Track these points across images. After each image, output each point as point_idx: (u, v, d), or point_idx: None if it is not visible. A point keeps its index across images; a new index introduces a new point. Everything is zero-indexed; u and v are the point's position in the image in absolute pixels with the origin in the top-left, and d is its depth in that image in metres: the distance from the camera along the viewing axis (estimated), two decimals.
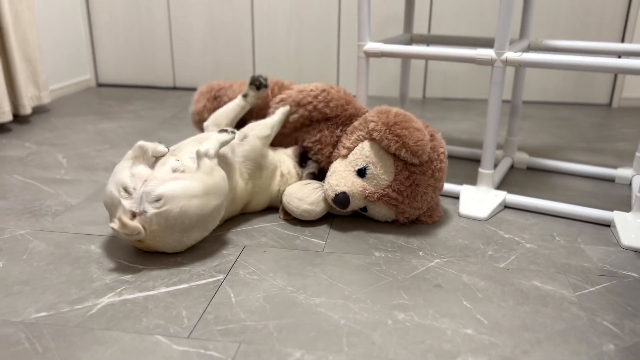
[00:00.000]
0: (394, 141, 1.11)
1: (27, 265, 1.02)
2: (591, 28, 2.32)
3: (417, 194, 1.16)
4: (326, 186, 1.18)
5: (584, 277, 1.01)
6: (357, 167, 1.16)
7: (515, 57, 1.20)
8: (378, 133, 1.13)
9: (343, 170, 1.18)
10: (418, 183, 1.15)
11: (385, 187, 1.14)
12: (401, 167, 1.14)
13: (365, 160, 1.15)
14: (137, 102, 2.38)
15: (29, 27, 2.00)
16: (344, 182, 1.15)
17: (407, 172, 1.14)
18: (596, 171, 1.52)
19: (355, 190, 1.15)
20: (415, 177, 1.14)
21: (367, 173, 1.15)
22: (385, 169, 1.14)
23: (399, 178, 1.14)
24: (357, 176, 1.16)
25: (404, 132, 1.11)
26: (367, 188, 1.15)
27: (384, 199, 1.15)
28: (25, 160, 1.59)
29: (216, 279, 0.98)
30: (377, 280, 0.99)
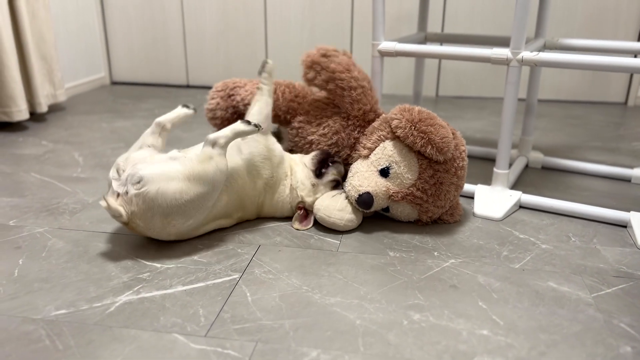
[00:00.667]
0: (420, 137, 1.10)
1: (46, 263, 1.03)
2: (606, 27, 2.29)
3: (441, 193, 1.15)
4: (348, 187, 1.17)
5: (600, 279, 1.00)
6: (380, 166, 1.15)
7: (532, 57, 1.20)
8: (402, 130, 1.12)
9: (365, 170, 1.16)
10: (442, 181, 1.14)
11: (409, 186, 1.14)
12: (425, 166, 1.13)
13: (388, 160, 1.15)
14: (151, 100, 2.39)
15: (45, 26, 2.02)
16: (367, 182, 1.14)
17: (432, 170, 1.14)
18: (612, 171, 1.50)
19: (378, 190, 1.14)
20: (439, 176, 1.14)
21: (391, 172, 1.14)
22: (409, 167, 1.13)
23: (423, 177, 1.13)
24: (380, 176, 1.15)
25: (429, 129, 1.10)
26: (390, 188, 1.14)
27: (408, 198, 1.15)
28: (41, 159, 1.61)
29: (232, 278, 0.99)
30: (392, 280, 0.99)
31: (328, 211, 1.16)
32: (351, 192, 1.16)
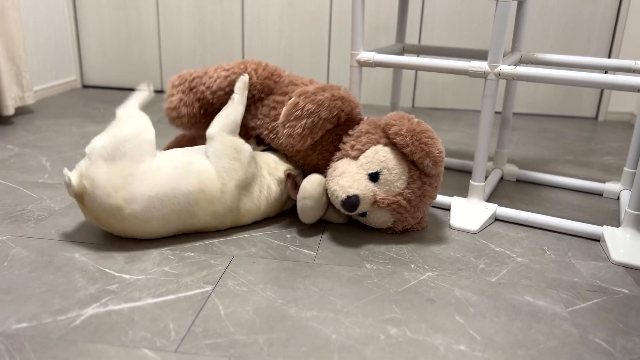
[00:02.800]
0: (420, 149, 1.10)
1: (7, 273, 0.98)
2: (579, 42, 2.34)
3: (422, 205, 1.16)
4: (335, 186, 1.12)
5: (575, 293, 1.00)
6: (370, 170, 1.13)
7: (509, 71, 1.20)
8: (402, 138, 1.10)
9: (355, 172, 1.13)
10: (425, 194, 1.15)
11: (396, 194, 1.13)
12: (416, 177, 1.13)
13: (380, 165, 1.12)
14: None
15: (15, 26, 1.96)
16: (357, 185, 1.11)
17: (420, 182, 1.14)
18: (584, 185, 1.52)
19: (366, 194, 1.11)
20: (425, 188, 1.14)
21: (380, 178, 1.12)
22: (399, 176, 1.12)
23: (411, 187, 1.13)
24: (370, 180, 1.13)
25: (429, 141, 1.10)
26: (378, 193, 1.13)
27: (393, 206, 1.13)
28: (7, 163, 1.55)
29: (204, 290, 0.96)
30: (369, 293, 0.97)
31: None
32: (338, 192, 1.11)
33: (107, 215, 1.06)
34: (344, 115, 1.19)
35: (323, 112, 1.14)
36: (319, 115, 1.13)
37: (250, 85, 1.26)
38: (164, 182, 1.08)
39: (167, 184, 1.08)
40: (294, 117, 1.14)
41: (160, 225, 1.09)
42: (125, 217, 1.06)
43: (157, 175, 1.08)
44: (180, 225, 1.12)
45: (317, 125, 1.15)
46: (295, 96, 1.15)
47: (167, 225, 1.10)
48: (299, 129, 1.14)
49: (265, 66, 1.29)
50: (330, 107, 1.14)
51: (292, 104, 1.14)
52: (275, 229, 1.21)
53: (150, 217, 1.07)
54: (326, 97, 1.14)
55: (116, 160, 1.06)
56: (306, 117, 1.13)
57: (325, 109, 1.14)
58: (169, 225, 1.10)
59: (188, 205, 1.10)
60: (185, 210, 1.10)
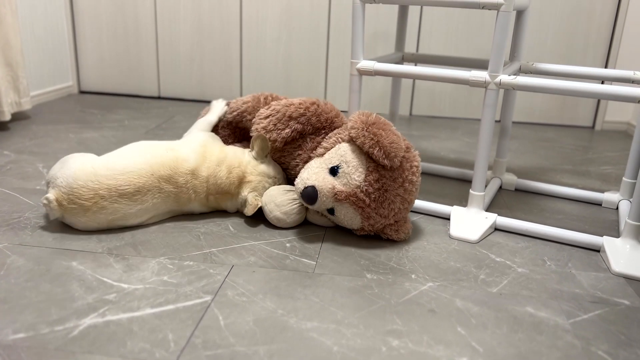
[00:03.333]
0: (369, 139, 1.12)
1: (4, 282, 0.97)
2: (576, 52, 2.35)
3: (385, 201, 1.15)
4: (297, 180, 1.18)
5: (576, 304, 1.00)
6: (331, 164, 1.17)
7: (509, 81, 1.20)
8: (356, 130, 1.14)
9: (317, 167, 1.18)
10: (387, 189, 1.15)
11: (354, 187, 1.14)
12: (372, 169, 1.14)
13: (339, 159, 1.16)
14: (121, 111, 2.33)
15: (12, 31, 1.95)
16: (315, 177, 1.15)
17: (378, 174, 1.14)
18: (583, 194, 1.52)
19: (324, 186, 1.14)
20: (384, 182, 1.14)
21: (339, 171, 1.15)
22: (356, 168, 1.14)
23: (368, 179, 1.14)
24: (329, 174, 1.16)
25: (380, 132, 1.13)
26: (336, 186, 1.15)
27: (351, 199, 1.14)
28: (3, 169, 1.53)
29: (204, 300, 0.95)
30: (370, 304, 0.97)
31: (268, 198, 1.24)
32: (298, 184, 1.17)
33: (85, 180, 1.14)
34: (315, 118, 1.27)
35: (289, 110, 1.27)
36: (284, 113, 1.27)
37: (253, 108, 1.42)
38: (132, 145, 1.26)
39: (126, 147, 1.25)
40: (263, 116, 1.29)
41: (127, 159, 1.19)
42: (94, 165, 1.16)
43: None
44: (151, 161, 1.20)
45: (282, 121, 1.27)
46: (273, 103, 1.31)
47: (136, 158, 1.19)
48: (264, 124, 1.28)
49: (275, 96, 1.45)
50: (297, 107, 1.27)
51: (265, 107, 1.31)
52: (274, 237, 1.21)
53: (112, 158, 1.19)
54: (296, 101, 1.29)
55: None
56: (272, 115, 1.28)
57: (291, 108, 1.27)
58: (137, 159, 1.20)
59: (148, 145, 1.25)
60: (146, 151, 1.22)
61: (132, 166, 1.17)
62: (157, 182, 1.19)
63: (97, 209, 1.13)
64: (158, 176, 1.19)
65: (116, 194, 1.14)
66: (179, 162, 1.22)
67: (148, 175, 1.18)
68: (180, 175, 1.22)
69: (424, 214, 1.37)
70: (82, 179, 1.13)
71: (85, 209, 1.13)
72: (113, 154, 1.21)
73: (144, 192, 1.17)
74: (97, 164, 1.16)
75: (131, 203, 1.16)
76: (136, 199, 1.17)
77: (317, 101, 1.30)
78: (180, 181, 1.22)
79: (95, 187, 1.13)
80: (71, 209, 1.13)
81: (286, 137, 1.28)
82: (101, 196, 1.13)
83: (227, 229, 1.23)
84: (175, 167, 1.22)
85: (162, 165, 1.20)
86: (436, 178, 1.66)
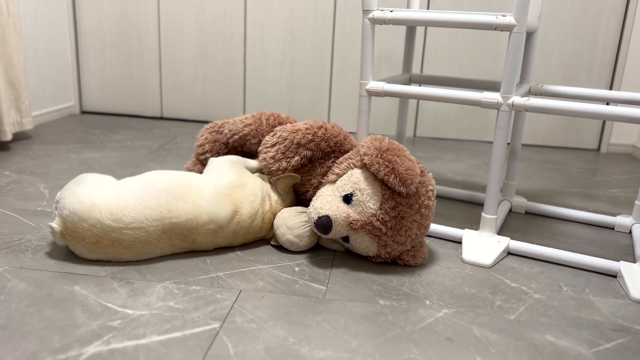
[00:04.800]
0: (384, 166, 1.09)
1: (4, 308, 0.93)
2: (580, 73, 2.35)
3: (402, 228, 1.12)
4: (310, 209, 1.15)
5: (597, 333, 0.96)
6: (344, 192, 1.13)
7: (522, 102, 1.19)
8: (369, 157, 1.11)
9: (329, 194, 1.15)
10: (403, 216, 1.11)
11: (369, 216, 1.11)
12: (388, 196, 1.11)
13: (353, 187, 1.12)
14: (123, 131, 2.31)
15: (15, 50, 1.94)
16: (328, 206, 1.12)
17: (394, 202, 1.10)
18: (595, 218, 1.50)
19: (339, 215, 1.11)
20: (400, 209, 1.11)
21: (353, 199, 1.12)
22: (371, 196, 1.11)
23: (384, 207, 1.10)
24: (343, 202, 1.13)
25: (395, 159, 1.09)
26: (351, 215, 1.11)
27: (367, 228, 1.11)
28: (4, 190, 1.50)
29: (212, 327, 0.91)
30: (385, 331, 0.93)
31: (279, 221, 1.20)
32: (312, 214, 1.13)
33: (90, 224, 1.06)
34: (324, 143, 1.24)
35: (297, 137, 1.23)
36: (291, 140, 1.23)
37: (259, 132, 1.36)
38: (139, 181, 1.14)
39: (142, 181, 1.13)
40: (270, 145, 1.25)
41: (138, 212, 1.08)
42: (103, 212, 1.06)
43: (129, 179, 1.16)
44: (167, 219, 1.10)
45: (290, 149, 1.23)
46: (277, 128, 1.27)
47: (147, 211, 1.08)
48: (272, 153, 1.24)
49: (277, 117, 1.39)
50: (305, 133, 1.23)
51: (271, 135, 1.26)
52: (282, 261, 1.17)
53: (124, 204, 1.08)
54: (302, 126, 1.25)
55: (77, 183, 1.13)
56: (279, 143, 1.24)
57: (299, 135, 1.23)
58: (148, 212, 1.08)
59: (165, 191, 1.12)
60: (162, 197, 1.11)
61: (142, 221, 1.07)
62: (168, 240, 1.11)
63: (100, 252, 1.08)
64: (170, 235, 1.11)
65: (120, 246, 1.08)
66: (201, 221, 1.12)
67: (159, 233, 1.09)
68: (199, 234, 1.13)
69: (435, 237, 1.35)
70: (87, 222, 1.05)
71: (88, 248, 1.08)
72: (127, 189, 1.10)
73: (152, 246, 1.11)
74: (104, 209, 1.06)
75: (136, 254, 1.10)
76: (142, 252, 1.10)
77: (324, 124, 1.26)
78: (199, 239, 1.14)
79: (99, 235, 1.06)
80: (75, 243, 1.08)
81: (296, 165, 1.24)
82: (104, 244, 1.07)
83: (234, 252, 1.20)
84: (195, 228, 1.12)
85: (178, 226, 1.10)
86: (444, 200, 1.63)
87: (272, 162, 1.24)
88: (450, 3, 2.32)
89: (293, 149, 1.23)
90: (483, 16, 1.18)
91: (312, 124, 1.25)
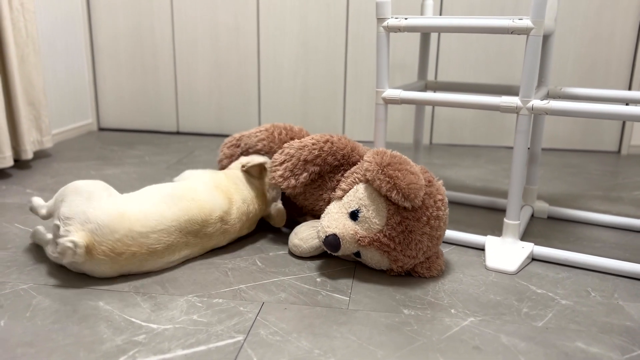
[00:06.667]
0: (386, 182, 1.07)
1: (30, 325, 0.94)
2: (597, 75, 2.32)
3: (411, 242, 1.10)
4: (319, 227, 1.15)
5: (629, 338, 0.94)
6: (350, 209, 1.12)
7: (542, 105, 1.17)
8: (371, 173, 1.10)
9: (336, 212, 1.14)
10: (411, 230, 1.09)
11: (376, 232, 1.10)
12: (393, 212, 1.09)
13: (358, 203, 1.12)
14: (141, 147, 2.33)
15: (35, 71, 1.97)
16: (335, 224, 1.11)
17: (400, 217, 1.09)
18: (619, 221, 1.47)
19: (346, 233, 1.10)
20: (408, 223, 1.09)
21: (360, 216, 1.11)
22: (377, 212, 1.10)
23: (390, 223, 1.09)
24: (350, 219, 1.12)
25: (396, 174, 1.07)
26: (358, 232, 1.10)
27: (376, 245, 1.10)
28: (25, 208, 1.52)
29: (236, 340, 0.91)
30: (410, 341, 0.92)
31: (294, 230, 1.27)
32: (320, 233, 1.13)
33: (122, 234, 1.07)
34: (331, 157, 1.23)
35: (304, 153, 1.22)
36: (298, 157, 1.22)
37: (270, 148, 1.40)
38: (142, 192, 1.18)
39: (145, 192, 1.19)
40: (278, 163, 1.24)
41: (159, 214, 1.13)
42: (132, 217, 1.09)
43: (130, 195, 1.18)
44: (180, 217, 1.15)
45: (298, 167, 1.22)
46: (285, 145, 1.26)
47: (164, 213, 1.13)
48: (280, 171, 1.23)
49: (289, 130, 1.42)
50: (311, 149, 1.22)
51: (279, 152, 1.25)
52: (303, 272, 1.17)
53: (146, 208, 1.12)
54: (309, 142, 1.23)
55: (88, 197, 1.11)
56: (287, 161, 1.23)
57: (305, 151, 1.22)
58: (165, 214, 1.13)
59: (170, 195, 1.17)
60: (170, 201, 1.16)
61: (163, 223, 1.12)
62: (184, 239, 1.15)
63: (124, 263, 1.09)
64: (186, 232, 1.16)
65: (147, 252, 1.10)
66: (206, 212, 1.19)
67: (177, 233, 1.14)
68: (209, 225, 1.19)
69: (456, 244, 1.33)
70: (119, 232, 1.06)
71: (113, 261, 1.07)
72: (139, 197, 1.15)
73: (172, 250, 1.14)
74: (132, 216, 1.09)
75: (158, 259, 1.12)
76: (163, 257, 1.13)
77: (331, 138, 1.25)
78: (210, 230, 1.20)
79: (129, 244, 1.07)
80: (99, 259, 1.06)
81: (305, 182, 1.24)
82: (132, 253, 1.08)
83: (255, 264, 1.20)
84: (205, 220, 1.18)
85: (190, 222, 1.16)
86: (464, 207, 1.62)
87: (282, 180, 1.23)
88: (463, 9, 2.32)
89: (300, 166, 1.22)
90: (499, 20, 1.18)
91: (319, 139, 1.24)
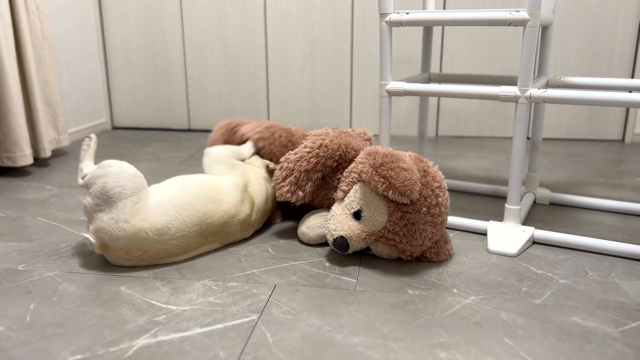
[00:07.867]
0: (381, 183, 1.11)
1: (58, 308, 1.01)
2: (601, 65, 2.35)
3: (415, 232, 1.15)
4: (326, 231, 1.20)
5: (624, 313, 0.99)
6: (353, 209, 1.17)
7: (540, 94, 1.22)
8: (366, 175, 1.15)
9: (340, 214, 1.19)
10: (414, 222, 1.14)
11: (381, 229, 1.15)
12: (393, 208, 1.14)
13: (359, 203, 1.16)
14: (154, 144, 2.40)
15: (51, 72, 2.04)
16: (341, 226, 1.16)
17: (400, 212, 1.14)
18: (620, 206, 1.51)
19: (352, 233, 1.16)
20: (409, 216, 1.14)
21: (362, 215, 1.16)
22: (378, 210, 1.14)
23: (392, 219, 1.14)
24: (354, 219, 1.17)
25: (390, 174, 1.11)
26: (364, 230, 1.16)
27: (382, 240, 1.16)
28: (47, 203, 1.59)
29: (250, 319, 0.97)
30: (414, 318, 0.97)
31: (302, 222, 1.32)
32: (327, 236, 1.19)
33: (137, 243, 1.12)
34: (329, 160, 1.27)
35: (303, 164, 1.25)
36: (299, 170, 1.24)
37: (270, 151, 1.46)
38: (171, 189, 1.20)
39: (174, 189, 1.21)
40: (281, 179, 1.26)
41: (180, 222, 1.16)
42: (149, 231, 1.12)
43: (161, 189, 1.21)
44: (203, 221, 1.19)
45: (300, 179, 1.25)
46: (282, 160, 1.28)
47: (187, 220, 1.17)
48: (285, 187, 1.25)
49: (288, 133, 1.46)
50: (308, 159, 1.25)
51: (278, 168, 1.28)
52: (312, 257, 1.22)
53: (167, 218, 1.15)
54: (304, 151, 1.26)
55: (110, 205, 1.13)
56: (289, 175, 1.25)
57: (303, 162, 1.25)
58: (188, 220, 1.17)
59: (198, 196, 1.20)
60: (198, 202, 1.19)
61: (184, 229, 1.16)
62: (204, 239, 1.21)
63: (140, 260, 1.15)
64: (207, 234, 1.21)
65: (164, 255, 1.16)
66: (229, 215, 1.23)
67: (197, 236, 1.19)
68: (230, 226, 1.25)
69: (460, 230, 1.38)
70: (134, 245, 1.12)
71: (129, 260, 1.14)
72: (165, 200, 1.16)
73: (191, 250, 1.20)
74: (149, 229, 1.12)
75: (176, 258, 1.18)
76: (183, 255, 1.19)
77: (323, 141, 1.27)
78: (230, 230, 1.25)
79: (146, 249, 1.13)
80: (115, 255, 1.14)
81: (312, 190, 1.27)
82: (149, 256, 1.14)
83: (267, 251, 1.26)
84: (227, 222, 1.23)
85: (212, 225, 1.21)
86: (469, 195, 1.66)
87: (290, 195, 1.25)
88: (467, 3, 2.36)
89: (303, 177, 1.25)
90: (497, 12, 1.22)
91: (312, 146, 1.26)
